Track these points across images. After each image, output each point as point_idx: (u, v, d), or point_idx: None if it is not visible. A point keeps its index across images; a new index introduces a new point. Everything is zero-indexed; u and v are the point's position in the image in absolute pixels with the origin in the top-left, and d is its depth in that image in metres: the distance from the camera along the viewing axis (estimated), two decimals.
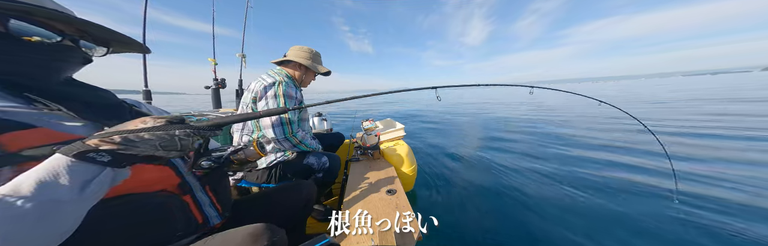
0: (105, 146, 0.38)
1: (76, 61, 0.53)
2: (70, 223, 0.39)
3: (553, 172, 2.56)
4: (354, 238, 0.86)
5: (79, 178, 0.37)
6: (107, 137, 0.39)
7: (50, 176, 0.35)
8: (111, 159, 0.39)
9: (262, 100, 1.26)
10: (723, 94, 11.30)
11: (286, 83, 1.29)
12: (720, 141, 3.41)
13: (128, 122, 0.43)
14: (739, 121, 4.58)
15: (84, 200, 0.39)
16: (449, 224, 1.70)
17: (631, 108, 7.52)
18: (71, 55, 0.52)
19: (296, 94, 1.33)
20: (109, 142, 0.39)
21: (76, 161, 0.37)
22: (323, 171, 1.32)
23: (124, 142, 0.39)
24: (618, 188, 2.11)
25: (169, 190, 0.60)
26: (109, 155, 0.39)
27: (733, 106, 6.69)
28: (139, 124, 0.42)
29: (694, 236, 1.47)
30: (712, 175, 2.28)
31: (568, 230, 1.56)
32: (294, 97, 1.30)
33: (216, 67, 2.95)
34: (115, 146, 0.39)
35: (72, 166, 0.37)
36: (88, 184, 0.38)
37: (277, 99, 1.24)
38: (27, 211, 0.34)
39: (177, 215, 0.61)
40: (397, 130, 2.06)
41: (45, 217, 0.35)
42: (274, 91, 1.24)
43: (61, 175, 0.36)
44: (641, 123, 1.82)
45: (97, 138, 0.39)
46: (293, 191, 0.98)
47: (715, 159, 2.71)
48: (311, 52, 1.44)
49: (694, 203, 1.82)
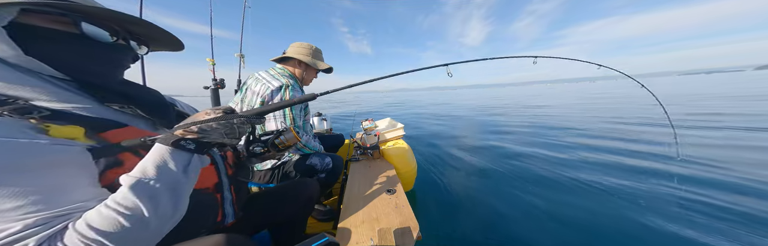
0: (189, 135, 0.47)
1: (130, 60, 0.57)
2: (185, 203, 0.47)
3: (554, 171, 2.57)
4: (354, 237, 0.86)
5: (180, 162, 0.46)
6: (187, 128, 0.47)
7: (162, 161, 0.44)
8: (195, 146, 0.48)
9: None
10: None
11: (292, 87, 1.27)
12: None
13: (197, 114, 0.53)
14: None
15: (189, 181, 0.48)
16: (449, 223, 1.70)
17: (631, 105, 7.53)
18: (128, 53, 0.55)
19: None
20: (190, 132, 0.47)
21: (173, 149, 0.46)
22: (326, 172, 1.32)
23: (200, 131, 0.48)
24: (627, 190, 2.12)
25: (210, 188, 0.64)
26: (193, 143, 0.48)
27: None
28: (204, 116, 0.51)
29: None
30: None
31: (568, 229, 1.57)
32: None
33: (214, 67, 2.95)
34: (195, 135, 0.48)
35: (172, 153, 0.45)
36: (187, 167, 0.47)
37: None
38: (160, 190, 0.43)
39: (209, 212, 0.64)
40: (397, 129, 2.06)
41: (173, 195, 0.45)
42: (281, 96, 1.23)
43: (169, 161, 0.45)
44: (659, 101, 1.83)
45: (181, 129, 0.47)
46: (297, 189, 0.98)
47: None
48: (311, 48, 1.42)
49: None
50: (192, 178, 0.48)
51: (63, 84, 0.47)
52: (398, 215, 0.96)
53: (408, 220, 0.93)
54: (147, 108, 0.56)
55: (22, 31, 0.41)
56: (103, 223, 0.38)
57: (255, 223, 0.85)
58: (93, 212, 0.40)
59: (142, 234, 0.42)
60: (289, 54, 1.40)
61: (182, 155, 0.47)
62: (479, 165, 2.96)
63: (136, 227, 0.40)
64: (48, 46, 0.44)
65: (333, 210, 1.52)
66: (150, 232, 0.43)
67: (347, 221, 0.96)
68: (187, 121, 0.50)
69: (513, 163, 2.94)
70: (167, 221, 0.45)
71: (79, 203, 0.40)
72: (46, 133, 0.40)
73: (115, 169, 0.47)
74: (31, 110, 0.40)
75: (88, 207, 0.41)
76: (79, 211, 0.40)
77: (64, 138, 0.41)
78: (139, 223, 0.40)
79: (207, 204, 0.64)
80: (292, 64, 1.42)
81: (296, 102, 0.62)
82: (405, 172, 1.66)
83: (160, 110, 0.60)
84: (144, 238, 0.43)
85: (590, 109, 7.82)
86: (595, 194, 2.02)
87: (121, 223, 0.39)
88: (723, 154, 2.73)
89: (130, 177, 0.42)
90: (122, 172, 0.46)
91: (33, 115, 0.40)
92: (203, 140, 0.49)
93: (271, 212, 0.90)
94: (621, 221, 1.63)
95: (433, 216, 1.80)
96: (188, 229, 0.57)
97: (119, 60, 0.54)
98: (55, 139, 0.41)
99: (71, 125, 0.43)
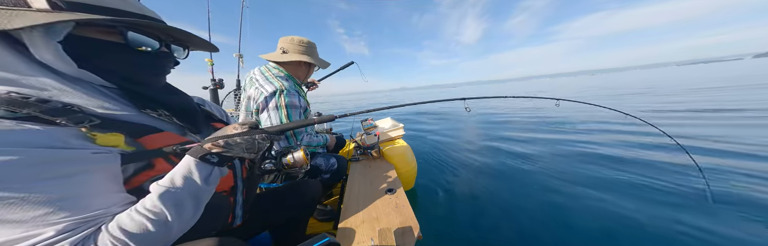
0: (215, 149, 0.51)
1: (172, 65, 0.59)
2: (202, 209, 0.51)
3: (552, 171, 2.57)
4: (354, 237, 0.86)
5: (204, 173, 0.50)
6: (215, 142, 0.51)
7: (188, 172, 0.49)
8: (218, 160, 0.52)
9: (264, 112, 1.19)
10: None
11: (287, 92, 1.19)
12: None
13: (226, 127, 0.57)
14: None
15: (210, 190, 0.52)
16: (450, 223, 1.71)
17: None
18: (170, 60, 0.57)
19: (300, 101, 1.23)
20: (217, 146, 0.51)
21: (199, 161, 0.50)
22: (331, 172, 1.32)
23: (226, 146, 0.52)
24: (626, 184, 2.12)
25: (226, 191, 0.67)
26: (217, 157, 0.52)
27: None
28: (232, 130, 0.55)
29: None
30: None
31: (569, 227, 1.57)
32: (298, 106, 1.21)
33: (213, 67, 2.94)
34: (220, 149, 0.52)
35: (198, 165, 0.50)
36: (209, 178, 0.51)
37: (279, 111, 1.17)
38: (184, 199, 0.47)
39: (221, 214, 0.66)
40: (397, 129, 2.06)
41: (196, 202, 0.49)
42: (275, 103, 1.17)
43: (194, 172, 0.49)
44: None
45: (210, 142, 0.51)
46: (300, 190, 0.98)
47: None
48: (303, 43, 1.30)
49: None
50: (212, 187, 0.53)
51: (110, 92, 0.49)
52: (398, 215, 0.96)
53: (408, 219, 0.93)
54: (178, 114, 0.58)
55: (73, 44, 0.42)
56: (133, 226, 0.42)
57: (258, 224, 0.86)
58: (124, 216, 0.43)
59: (164, 237, 0.46)
60: (291, 57, 1.29)
61: (206, 167, 0.51)
62: (479, 164, 2.96)
63: (160, 231, 0.44)
64: (97, 57, 0.46)
65: (333, 210, 1.52)
66: (171, 234, 0.47)
67: (348, 221, 0.96)
68: (217, 134, 0.55)
69: (514, 162, 2.94)
70: (187, 226, 0.49)
71: (104, 208, 0.43)
72: (93, 142, 0.43)
73: (146, 172, 0.50)
74: (84, 119, 0.43)
75: (113, 212, 0.44)
76: (105, 215, 0.43)
77: (107, 146, 0.44)
78: (164, 228, 0.45)
79: (221, 206, 0.65)
80: (293, 64, 1.33)
81: (316, 122, 0.64)
82: (405, 171, 1.66)
83: (189, 116, 0.62)
84: (163, 240, 0.46)
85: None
86: (595, 193, 2.02)
87: (147, 228, 0.43)
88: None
89: (160, 186, 0.47)
90: (153, 174, 0.51)
91: (85, 124, 0.43)
92: (226, 154, 0.53)
93: (274, 213, 0.90)
94: (623, 220, 1.63)
95: (434, 216, 1.81)
96: (200, 230, 0.58)
97: (162, 67, 0.57)
98: (100, 147, 0.43)
99: (114, 133, 0.46)
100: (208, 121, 0.71)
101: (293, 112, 1.20)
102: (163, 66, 0.57)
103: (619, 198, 1.89)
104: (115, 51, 0.47)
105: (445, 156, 3.38)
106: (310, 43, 1.33)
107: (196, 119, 0.65)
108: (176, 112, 0.58)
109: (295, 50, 1.31)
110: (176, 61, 0.60)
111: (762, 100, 5.60)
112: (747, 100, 5.66)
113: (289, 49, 1.31)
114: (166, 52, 0.55)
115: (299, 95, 1.26)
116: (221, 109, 0.84)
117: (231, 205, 0.69)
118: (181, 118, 0.59)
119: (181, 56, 0.61)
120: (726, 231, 1.44)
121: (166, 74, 0.59)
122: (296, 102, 1.21)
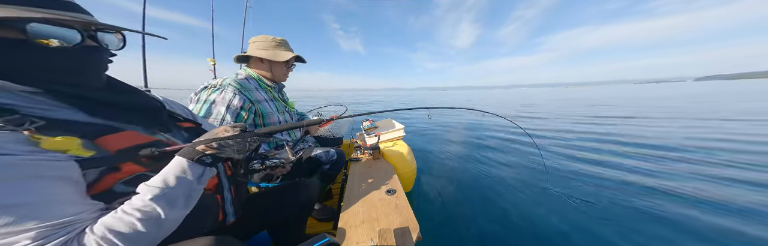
0: (209, 151, 0.52)
1: (106, 61, 0.52)
2: (192, 206, 0.51)
3: (550, 172, 2.57)
4: (354, 237, 0.86)
5: (197, 173, 0.51)
6: (208, 144, 0.52)
7: (182, 172, 0.49)
8: (211, 161, 0.53)
9: (191, 103, 1.11)
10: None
11: (221, 89, 1.10)
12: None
13: (216, 129, 0.58)
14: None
15: (200, 188, 0.52)
16: (450, 224, 1.70)
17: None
18: (101, 56, 0.50)
19: (237, 100, 1.10)
20: (210, 148, 0.52)
21: (193, 162, 0.50)
22: (331, 163, 1.34)
23: (219, 148, 0.53)
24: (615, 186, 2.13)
25: (211, 189, 0.66)
26: (210, 158, 0.53)
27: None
28: (223, 133, 0.56)
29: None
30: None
31: (568, 226, 1.57)
32: (226, 105, 1.08)
33: (215, 66, 2.95)
34: (214, 151, 0.53)
35: (191, 165, 0.50)
36: (201, 178, 0.52)
37: (196, 104, 1.08)
38: (177, 196, 0.48)
39: (210, 212, 0.65)
40: (397, 130, 2.05)
41: (187, 201, 0.49)
42: (198, 97, 1.10)
43: (188, 173, 0.49)
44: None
45: (203, 144, 0.52)
46: (297, 189, 0.98)
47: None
48: (268, 40, 1.26)
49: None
50: (203, 186, 0.53)
51: (39, 97, 0.43)
52: (398, 215, 0.96)
53: (408, 220, 0.93)
54: (139, 115, 0.55)
55: None
56: (122, 226, 0.41)
57: (255, 224, 0.85)
58: (110, 218, 0.42)
59: (155, 235, 0.45)
60: (248, 52, 1.25)
61: (199, 168, 0.51)
62: (480, 166, 2.96)
63: (152, 230, 0.44)
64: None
65: (333, 210, 1.52)
66: (162, 232, 0.46)
67: (347, 221, 0.96)
68: (208, 136, 0.55)
69: (514, 164, 2.94)
70: (175, 224, 0.48)
71: (76, 215, 0.40)
72: (38, 146, 0.39)
73: (113, 175, 0.47)
74: (24, 121, 0.39)
75: (89, 218, 0.42)
76: (82, 221, 0.41)
77: (55, 150, 0.40)
78: (156, 226, 0.44)
79: (208, 204, 0.64)
80: (254, 63, 1.29)
81: (304, 125, 0.65)
82: (405, 172, 1.66)
83: (152, 116, 0.58)
84: (155, 239, 0.46)
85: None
86: (590, 195, 2.02)
87: (138, 227, 0.42)
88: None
89: (151, 187, 0.46)
90: (120, 176, 0.47)
91: (27, 127, 0.39)
92: (220, 156, 0.54)
93: (271, 213, 0.90)
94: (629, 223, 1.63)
95: (434, 216, 1.80)
96: (190, 229, 0.57)
97: (94, 63, 0.49)
98: (47, 151, 0.40)
99: (65, 136, 0.42)
100: (173, 121, 0.67)
101: (213, 109, 1.07)
102: (95, 62, 0.49)
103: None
104: (15, 49, 0.40)
105: (446, 157, 3.37)
106: (271, 38, 1.27)
107: (161, 117, 0.61)
108: (136, 113, 0.54)
109: (253, 48, 1.26)
110: (112, 54, 0.53)
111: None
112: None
113: (249, 47, 1.28)
114: (93, 47, 0.48)
115: (243, 94, 1.13)
116: (185, 108, 0.81)
117: (219, 202, 0.68)
118: (145, 120, 0.56)
119: (116, 46, 0.53)
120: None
121: (101, 71, 0.52)
122: (226, 100, 1.09)
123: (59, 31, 0.42)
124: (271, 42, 1.26)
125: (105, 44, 0.51)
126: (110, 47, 0.52)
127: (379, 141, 1.88)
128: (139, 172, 0.50)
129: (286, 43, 1.30)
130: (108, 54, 0.52)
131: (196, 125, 0.72)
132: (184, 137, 0.65)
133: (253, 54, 1.24)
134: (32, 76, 0.43)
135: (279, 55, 1.24)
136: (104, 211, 0.44)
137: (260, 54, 1.23)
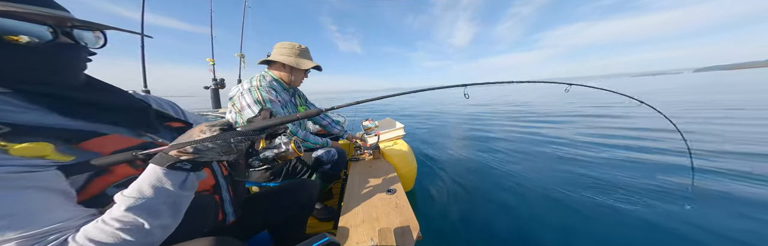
0: (184, 156, 0.45)
1: (83, 59, 0.50)
2: (183, 212, 0.48)
3: (552, 171, 2.57)
4: (354, 237, 0.86)
5: (177, 181, 0.45)
6: (182, 148, 0.44)
7: (158, 182, 0.43)
8: (191, 166, 0.46)
9: (243, 111, 1.26)
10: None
11: (260, 88, 1.26)
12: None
13: (191, 131, 0.48)
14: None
15: (188, 195, 0.48)
16: (450, 224, 1.70)
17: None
18: (77, 54, 0.48)
19: (277, 96, 1.31)
20: (185, 153, 0.45)
21: (168, 170, 0.44)
22: (331, 163, 1.35)
23: (196, 152, 0.45)
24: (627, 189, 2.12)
25: (208, 189, 0.64)
26: (189, 163, 0.46)
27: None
28: (199, 134, 0.47)
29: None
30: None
31: (569, 226, 1.57)
32: (264, 102, 1.24)
33: (214, 67, 2.95)
34: (191, 156, 0.45)
35: (167, 173, 0.44)
36: (184, 184, 0.46)
37: (247, 109, 1.24)
38: (157, 205, 0.43)
39: (209, 213, 0.64)
40: (397, 129, 2.05)
41: (173, 208, 0.46)
42: (244, 102, 1.25)
43: (165, 181, 0.44)
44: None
45: (175, 149, 0.44)
46: (297, 189, 0.98)
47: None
48: (294, 47, 1.38)
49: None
50: (190, 191, 0.48)
51: (6, 98, 0.41)
52: (398, 215, 0.96)
53: (408, 220, 0.93)
54: (121, 115, 0.53)
55: None
56: (104, 237, 0.39)
57: (255, 224, 0.85)
58: (91, 228, 0.39)
59: (145, 243, 0.43)
60: (273, 57, 1.36)
61: (179, 174, 0.46)
62: (479, 164, 2.95)
63: (139, 238, 0.41)
64: None
65: (334, 210, 1.52)
66: (154, 239, 0.44)
67: (347, 221, 0.96)
68: (182, 139, 0.46)
69: (514, 163, 2.93)
70: (169, 230, 0.47)
71: (61, 223, 0.39)
72: (6, 153, 0.37)
73: (104, 178, 0.45)
74: None
75: (73, 226, 0.40)
76: (66, 229, 0.39)
77: (30, 157, 0.38)
78: (141, 234, 0.42)
79: (207, 205, 0.64)
80: (276, 67, 1.39)
81: (301, 117, 0.61)
82: (405, 172, 1.66)
83: (136, 116, 0.56)
84: (149, 243, 0.44)
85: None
86: (597, 192, 2.02)
87: (123, 237, 0.40)
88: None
89: (125, 197, 0.41)
90: (113, 179, 0.46)
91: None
92: (200, 160, 0.46)
93: (271, 213, 0.90)
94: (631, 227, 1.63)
95: (434, 216, 1.80)
96: (190, 229, 0.57)
97: (68, 60, 0.47)
98: (20, 158, 0.37)
99: (36, 142, 0.39)
100: (161, 121, 0.64)
101: (287, 108, 1.32)
102: (69, 60, 0.47)
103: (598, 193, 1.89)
104: None
105: (446, 156, 3.37)
106: (298, 46, 1.39)
107: (147, 117, 0.59)
108: (119, 114, 0.52)
109: (278, 53, 1.38)
110: (90, 52, 0.50)
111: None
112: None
113: (273, 52, 1.40)
114: (68, 45, 0.45)
115: (283, 94, 1.36)
116: (176, 106, 0.78)
117: (217, 203, 0.67)
118: (128, 121, 0.53)
119: (95, 44, 0.51)
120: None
121: (77, 69, 0.49)
122: (260, 98, 1.25)
123: (27, 26, 0.40)
124: (296, 49, 1.37)
125: (83, 42, 0.48)
126: (89, 45, 0.50)
127: (379, 140, 1.88)
128: (132, 174, 0.48)
129: (308, 52, 1.42)
130: (86, 52, 0.49)
131: (186, 125, 0.70)
132: (173, 138, 0.63)
133: (278, 59, 1.34)
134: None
135: (302, 63, 1.36)
136: (96, 216, 0.43)
137: (284, 60, 1.34)
